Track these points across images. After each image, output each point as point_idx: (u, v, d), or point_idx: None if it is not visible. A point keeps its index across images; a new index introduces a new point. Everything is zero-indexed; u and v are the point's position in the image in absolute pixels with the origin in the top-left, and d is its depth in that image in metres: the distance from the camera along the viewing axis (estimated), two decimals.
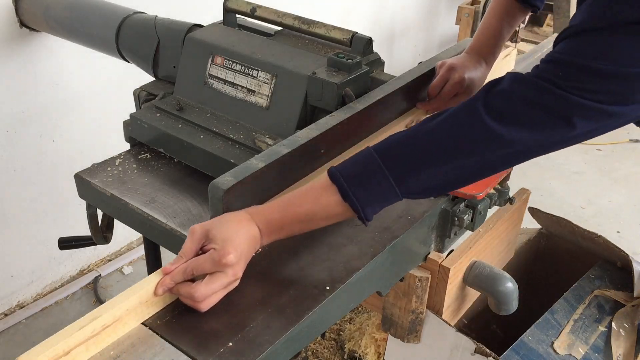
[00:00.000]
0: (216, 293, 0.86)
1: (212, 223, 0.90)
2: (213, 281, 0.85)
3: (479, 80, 1.29)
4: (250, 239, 0.90)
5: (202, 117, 1.32)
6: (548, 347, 1.25)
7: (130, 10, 1.55)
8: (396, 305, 1.20)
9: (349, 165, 0.93)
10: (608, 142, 3.37)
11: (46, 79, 1.97)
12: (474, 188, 1.10)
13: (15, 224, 2.10)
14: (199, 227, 0.89)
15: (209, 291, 0.85)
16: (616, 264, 1.45)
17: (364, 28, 3.26)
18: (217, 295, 0.87)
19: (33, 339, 2.11)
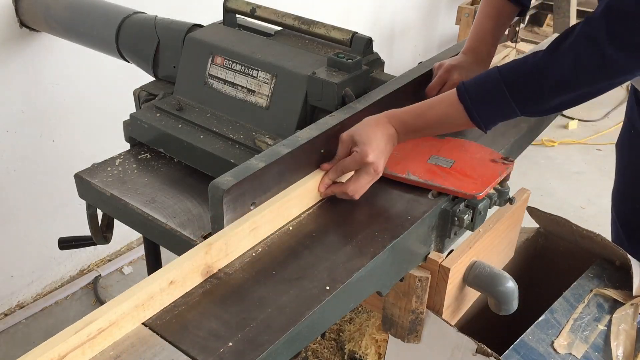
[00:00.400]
0: (363, 186, 1.06)
1: (355, 128, 1.08)
2: (358, 178, 1.06)
3: None
4: (387, 138, 1.08)
5: (202, 117, 1.32)
6: (548, 346, 1.25)
7: (130, 10, 1.55)
8: (396, 305, 1.20)
9: (476, 85, 1.07)
10: (608, 142, 3.37)
11: (46, 79, 1.97)
12: (474, 188, 1.10)
13: (15, 224, 2.10)
14: (345, 134, 1.08)
15: (357, 186, 1.06)
16: (615, 262, 1.45)
17: (364, 28, 3.26)
18: (365, 187, 1.07)
19: (33, 339, 2.12)
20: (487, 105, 1.06)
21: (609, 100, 3.83)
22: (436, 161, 1.16)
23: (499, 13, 1.34)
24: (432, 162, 1.16)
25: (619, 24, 0.94)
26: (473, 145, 1.22)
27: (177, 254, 1.18)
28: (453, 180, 1.11)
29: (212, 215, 0.96)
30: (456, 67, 1.29)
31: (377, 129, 1.07)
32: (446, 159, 1.16)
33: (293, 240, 1.01)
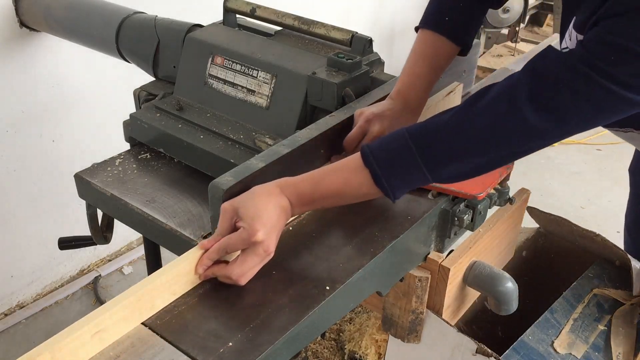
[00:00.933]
0: (251, 268, 0.90)
1: (240, 200, 0.91)
2: (246, 259, 0.89)
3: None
4: (280, 211, 0.92)
5: (202, 117, 1.32)
6: (548, 346, 1.25)
7: (130, 10, 1.55)
8: (396, 305, 1.20)
9: (382, 148, 0.94)
10: (608, 142, 3.37)
11: (46, 79, 1.97)
12: (475, 188, 1.10)
13: (15, 224, 2.10)
14: (228, 204, 0.91)
15: (244, 269, 0.89)
16: (614, 262, 1.45)
17: (364, 28, 3.26)
18: (253, 270, 0.90)
19: (33, 339, 2.12)
20: (396, 170, 0.93)
21: None
22: None
23: (435, 53, 1.18)
24: None
25: (541, 85, 0.86)
26: None
27: (177, 254, 1.18)
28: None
29: (212, 215, 0.96)
30: (379, 117, 1.10)
31: (269, 201, 0.91)
32: None
33: (293, 240, 1.01)
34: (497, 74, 1.60)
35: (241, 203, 0.91)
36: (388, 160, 0.93)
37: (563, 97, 0.85)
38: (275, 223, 0.90)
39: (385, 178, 0.93)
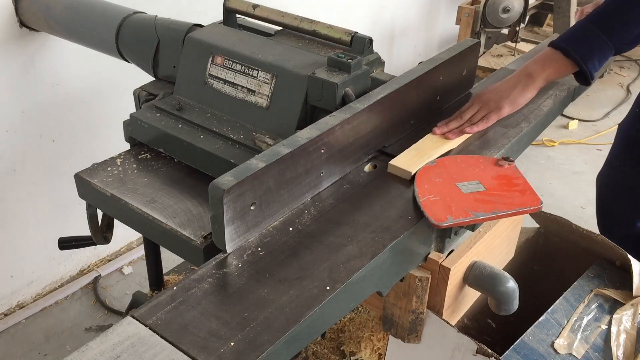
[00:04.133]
0: None
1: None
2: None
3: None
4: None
5: (202, 117, 1.32)
6: (548, 346, 1.25)
7: (130, 10, 1.55)
8: (396, 305, 1.20)
9: (565, 33, 1.32)
10: (608, 142, 3.37)
11: (46, 79, 1.97)
12: (531, 199, 1.11)
13: (15, 224, 2.10)
14: None
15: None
16: (615, 262, 1.45)
17: (364, 28, 3.26)
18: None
19: (33, 339, 2.12)
20: (579, 42, 1.27)
21: (609, 100, 3.83)
22: (469, 189, 1.13)
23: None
24: (468, 191, 1.13)
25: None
26: (469, 158, 1.22)
27: (177, 254, 1.18)
28: (507, 200, 1.10)
29: (212, 215, 0.96)
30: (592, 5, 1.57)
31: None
32: (472, 182, 1.14)
33: (293, 240, 1.01)
34: (497, 74, 1.60)
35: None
36: (571, 35, 1.30)
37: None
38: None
39: (572, 49, 1.27)
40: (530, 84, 1.32)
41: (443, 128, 1.28)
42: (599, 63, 1.28)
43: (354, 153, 1.19)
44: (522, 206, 1.09)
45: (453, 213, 1.06)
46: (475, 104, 1.34)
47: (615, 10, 1.26)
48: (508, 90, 1.33)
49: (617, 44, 1.26)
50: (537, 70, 1.32)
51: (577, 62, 1.27)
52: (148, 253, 1.79)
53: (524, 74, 1.34)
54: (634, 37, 1.26)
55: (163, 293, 0.90)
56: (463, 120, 1.31)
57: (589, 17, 1.28)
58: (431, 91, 1.35)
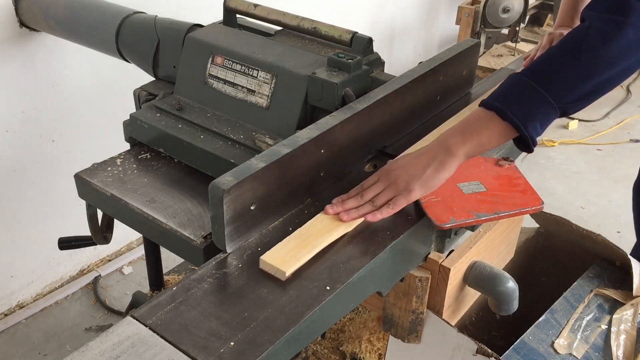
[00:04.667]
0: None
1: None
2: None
3: None
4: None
5: (202, 117, 1.32)
6: (549, 346, 1.25)
7: (130, 10, 1.55)
8: (396, 305, 1.20)
9: (497, 91, 1.07)
10: (608, 142, 3.37)
11: (46, 79, 1.97)
12: (532, 199, 1.11)
13: (15, 224, 2.10)
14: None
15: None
16: (615, 262, 1.45)
17: (364, 28, 3.26)
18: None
19: (33, 339, 2.12)
20: (515, 99, 1.03)
21: (609, 100, 3.83)
22: (470, 189, 1.13)
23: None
24: (469, 191, 1.12)
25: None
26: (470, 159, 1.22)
27: (177, 254, 1.18)
28: (508, 201, 1.10)
29: (212, 216, 0.96)
30: (557, 34, 1.44)
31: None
32: (473, 183, 1.15)
33: None
34: (497, 74, 1.60)
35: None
36: (506, 93, 1.05)
37: None
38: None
39: (509, 110, 1.02)
40: (448, 161, 1.06)
41: (338, 207, 1.05)
42: (541, 127, 1.04)
43: (354, 153, 1.19)
44: (523, 206, 1.09)
45: (455, 214, 1.06)
46: (381, 180, 1.09)
47: (554, 62, 1.03)
48: (421, 168, 1.07)
49: (560, 102, 1.02)
50: (457, 142, 1.06)
51: (515, 125, 1.02)
52: (148, 253, 1.79)
53: (442, 147, 1.08)
54: (580, 95, 1.02)
55: (163, 293, 0.90)
56: (364, 200, 1.07)
57: (525, 72, 1.05)
58: (431, 91, 1.35)
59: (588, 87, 1.01)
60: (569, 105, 1.03)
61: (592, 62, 0.99)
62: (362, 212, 1.04)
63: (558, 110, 1.02)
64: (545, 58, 1.04)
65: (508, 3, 3.22)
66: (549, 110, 1.02)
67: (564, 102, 1.01)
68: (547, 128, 1.05)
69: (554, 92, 1.01)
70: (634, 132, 3.47)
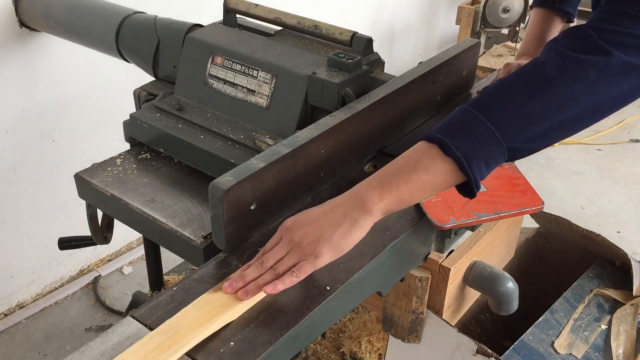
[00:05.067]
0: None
1: None
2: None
3: None
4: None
5: (202, 117, 1.32)
6: (549, 346, 1.25)
7: (130, 10, 1.55)
8: (396, 305, 1.20)
9: (443, 123, 0.90)
10: (608, 142, 3.37)
11: (46, 79, 1.97)
12: (532, 199, 1.11)
13: (15, 224, 2.10)
14: None
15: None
16: (615, 263, 1.45)
17: (364, 28, 3.26)
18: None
19: (33, 339, 2.12)
20: (460, 133, 0.87)
21: None
22: None
23: (546, 20, 1.42)
24: None
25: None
26: None
27: (177, 254, 1.18)
28: (508, 201, 1.10)
29: (212, 216, 0.96)
30: (514, 64, 1.36)
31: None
32: None
33: None
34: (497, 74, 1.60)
35: None
36: (452, 126, 0.88)
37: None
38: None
39: (452, 143, 0.86)
40: (362, 220, 0.89)
41: (237, 282, 0.89)
42: (487, 168, 0.88)
43: (354, 153, 1.19)
44: (523, 206, 1.09)
45: (455, 214, 1.06)
46: (284, 242, 0.91)
47: (505, 96, 0.88)
48: (330, 228, 0.89)
49: (508, 141, 0.87)
50: (374, 197, 0.89)
51: (459, 162, 0.86)
52: (148, 253, 1.79)
53: (356, 202, 0.90)
54: (532, 135, 0.88)
55: (163, 293, 0.90)
56: (264, 268, 0.90)
57: (473, 103, 0.89)
58: (431, 91, 1.35)
59: (542, 127, 0.87)
60: (520, 146, 0.89)
61: (546, 100, 0.86)
62: (262, 282, 0.88)
63: (506, 151, 0.87)
64: (497, 89, 0.89)
65: (508, 3, 3.22)
66: (497, 149, 0.87)
67: (513, 141, 0.87)
68: None
69: (502, 130, 0.86)
70: (634, 132, 3.47)
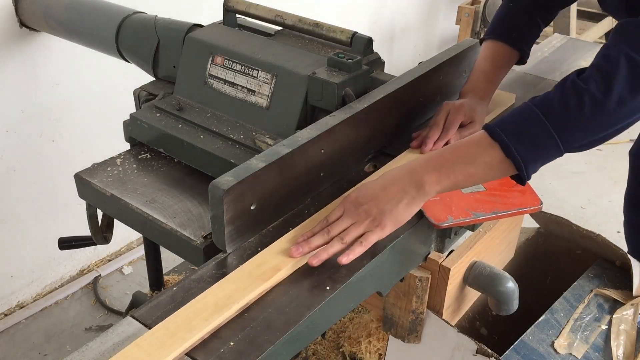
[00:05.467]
0: None
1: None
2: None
3: (480, 112, 1.29)
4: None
5: (202, 117, 1.32)
6: (548, 346, 1.25)
7: (130, 10, 1.55)
8: (396, 305, 1.20)
9: (508, 120, 0.95)
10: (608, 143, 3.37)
11: (46, 79, 1.97)
12: (530, 199, 1.11)
13: (15, 224, 2.10)
14: None
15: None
16: (615, 262, 1.45)
17: (364, 28, 3.26)
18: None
19: (33, 339, 2.12)
20: (525, 138, 0.93)
21: None
22: (469, 189, 1.12)
23: (498, 56, 1.34)
24: (468, 191, 1.12)
25: None
26: None
27: (177, 254, 1.18)
28: (507, 200, 1.10)
29: (212, 216, 0.96)
30: (458, 108, 1.26)
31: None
32: None
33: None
34: None
35: None
36: (516, 128, 0.93)
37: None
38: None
39: (515, 147, 0.92)
40: (419, 198, 0.99)
41: (304, 246, 0.95)
42: (541, 166, 0.96)
43: (354, 153, 1.19)
44: (522, 206, 1.09)
45: (453, 213, 1.06)
46: (348, 214, 0.99)
47: (570, 110, 0.93)
48: (392, 202, 0.98)
49: (567, 148, 0.94)
50: (431, 180, 0.97)
51: (517, 165, 0.94)
52: (148, 253, 1.79)
53: (414, 182, 0.98)
54: (588, 142, 0.97)
55: (163, 293, 0.90)
56: (330, 237, 0.96)
57: (540, 106, 0.94)
58: (431, 91, 1.35)
59: (597, 138, 0.97)
60: (573, 150, 0.97)
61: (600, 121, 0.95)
62: (332, 251, 0.95)
63: (563, 153, 0.95)
64: (560, 101, 0.94)
65: None
66: (555, 153, 0.95)
67: (571, 148, 0.95)
68: None
69: (564, 139, 0.93)
70: (634, 133, 3.46)
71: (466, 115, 1.26)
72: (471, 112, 1.27)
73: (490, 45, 1.36)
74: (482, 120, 1.28)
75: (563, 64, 1.81)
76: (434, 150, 1.17)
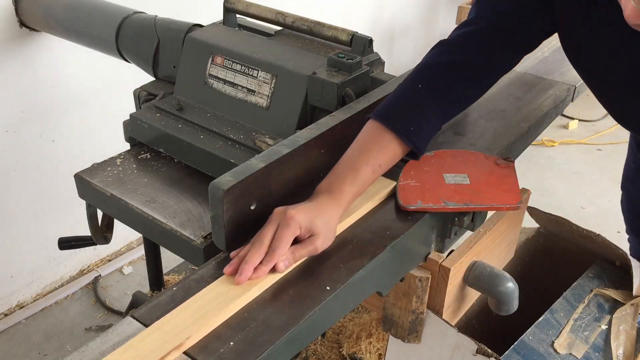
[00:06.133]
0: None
1: None
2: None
3: (324, 223, 0.95)
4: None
5: (202, 117, 1.32)
6: (548, 346, 1.25)
7: (130, 10, 1.55)
8: (396, 305, 1.20)
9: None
10: (608, 142, 3.37)
11: (46, 79, 1.97)
12: (512, 198, 1.10)
13: (15, 224, 2.10)
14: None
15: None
16: (615, 262, 1.45)
17: (364, 28, 3.25)
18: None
19: (33, 339, 2.12)
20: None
21: None
22: (454, 180, 1.12)
23: (379, 148, 1.03)
24: (451, 182, 1.12)
25: None
26: (470, 154, 1.22)
27: (177, 254, 1.18)
28: (486, 196, 1.10)
29: (212, 216, 0.96)
30: (298, 213, 0.93)
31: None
32: (460, 175, 1.14)
33: None
34: None
35: None
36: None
37: None
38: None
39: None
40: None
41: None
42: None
43: None
44: (498, 202, 1.09)
45: (424, 199, 1.07)
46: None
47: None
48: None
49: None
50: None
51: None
52: (148, 253, 1.79)
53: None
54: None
55: (163, 293, 0.90)
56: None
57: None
58: None
59: None
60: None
61: None
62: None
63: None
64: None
65: None
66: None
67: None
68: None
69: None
70: None
71: (303, 228, 0.93)
72: (309, 223, 0.93)
73: (373, 129, 1.06)
74: (328, 231, 0.95)
75: (563, 64, 1.81)
76: (253, 279, 0.89)
